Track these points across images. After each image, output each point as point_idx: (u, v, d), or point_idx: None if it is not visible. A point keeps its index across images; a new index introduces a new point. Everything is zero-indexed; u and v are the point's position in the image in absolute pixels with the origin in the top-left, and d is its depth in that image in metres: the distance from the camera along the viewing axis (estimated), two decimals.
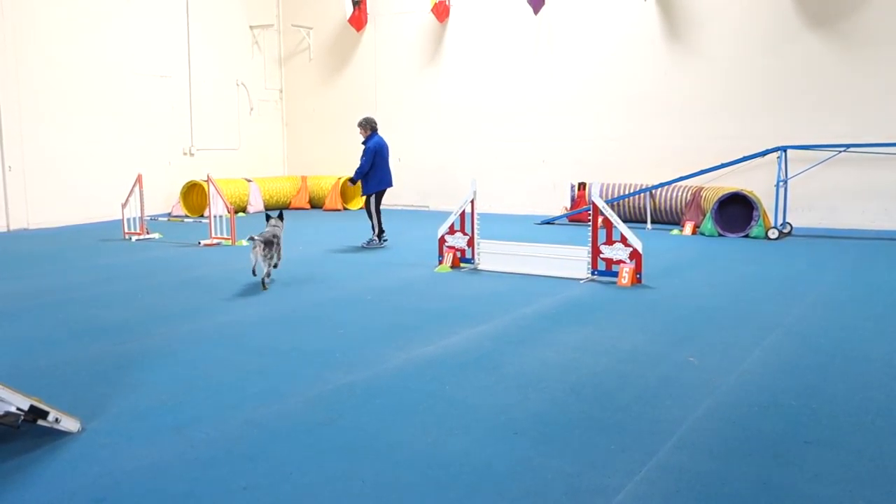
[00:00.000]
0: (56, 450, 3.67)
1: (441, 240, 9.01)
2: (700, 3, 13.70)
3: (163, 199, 15.68)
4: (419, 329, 6.02)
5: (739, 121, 13.43)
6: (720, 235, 11.66)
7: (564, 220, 13.96)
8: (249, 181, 16.33)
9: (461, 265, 8.90)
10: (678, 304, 6.90)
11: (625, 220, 9.59)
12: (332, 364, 5.09)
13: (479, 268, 8.80)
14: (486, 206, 14.90)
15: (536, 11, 14.76)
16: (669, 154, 13.99)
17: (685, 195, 13.04)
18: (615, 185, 13.79)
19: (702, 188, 12.85)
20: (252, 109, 17.88)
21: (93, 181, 14.37)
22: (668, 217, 13.30)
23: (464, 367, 5.00)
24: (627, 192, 13.42)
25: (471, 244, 8.81)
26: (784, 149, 11.59)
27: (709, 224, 11.81)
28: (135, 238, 11.73)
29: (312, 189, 17.35)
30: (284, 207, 16.79)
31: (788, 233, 11.78)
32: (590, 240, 8.10)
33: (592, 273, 8.06)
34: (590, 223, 8.17)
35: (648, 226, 12.93)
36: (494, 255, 8.78)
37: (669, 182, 12.74)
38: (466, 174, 15.59)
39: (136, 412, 4.20)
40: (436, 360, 5.15)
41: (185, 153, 16.35)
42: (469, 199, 8.78)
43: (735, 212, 11.77)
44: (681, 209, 13.07)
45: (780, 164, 11.57)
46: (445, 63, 16.40)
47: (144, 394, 4.51)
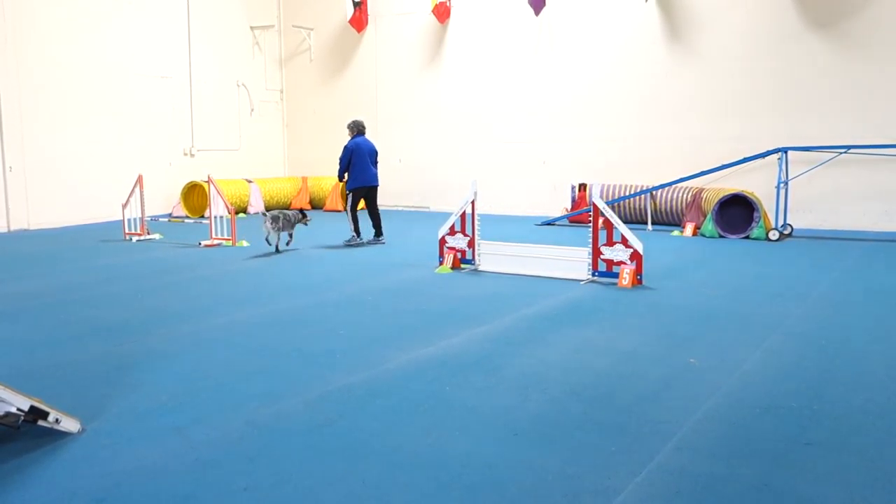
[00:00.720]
0: (56, 450, 3.67)
1: (441, 241, 9.01)
2: (701, 5, 13.70)
3: (163, 200, 15.70)
4: (420, 330, 6.02)
5: (740, 122, 13.43)
6: (721, 237, 11.66)
7: (565, 222, 13.95)
8: (250, 182, 16.33)
9: (462, 266, 8.90)
10: (679, 306, 6.90)
11: (625, 222, 9.59)
12: (333, 365, 5.09)
13: (480, 269, 8.80)
14: (487, 207, 14.91)
15: (537, 13, 14.76)
16: (670, 155, 13.99)
17: (686, 196, 13.04)
18: (616, 186, 13.80)
19: (702, 189, 12.85)
20: (253, 110, 17.89)
21: (93, 182, 14.38)
22: (669, 218, 13.30)
23: (464, 369, 4.99)
24: (628, 194, 13.42)
25: (471, 245, 8.81)
26: (785, 150, 11.59)
27: (709, 225, 11.80)
28: (135, 239, 11.74)
29: (313, 190, 17.38)
30: (285, 208, 16.84)
31: (789, 234, 11.77)
32: (590, 241, 8.10)
33: (593, 274, 8.05)
34: (590, 224, 8.16)
35: (649, 227, 12.93)
36: (495, 256, 8.78)
37: (670, 183, 12.74)
38: (467, 175, 15.58)
39: (137, 413, 4.20)
40: (436, 362, 5.15)
41: (186, 154, 16.35)
42: (469, 200, 8.78)
43: (736, 213, 11.77)
44: (681, 210, 13.07)
45: (781, 166, 11.56)
46: (446, 64, 16.41)
47: (145, 394, 4.51)
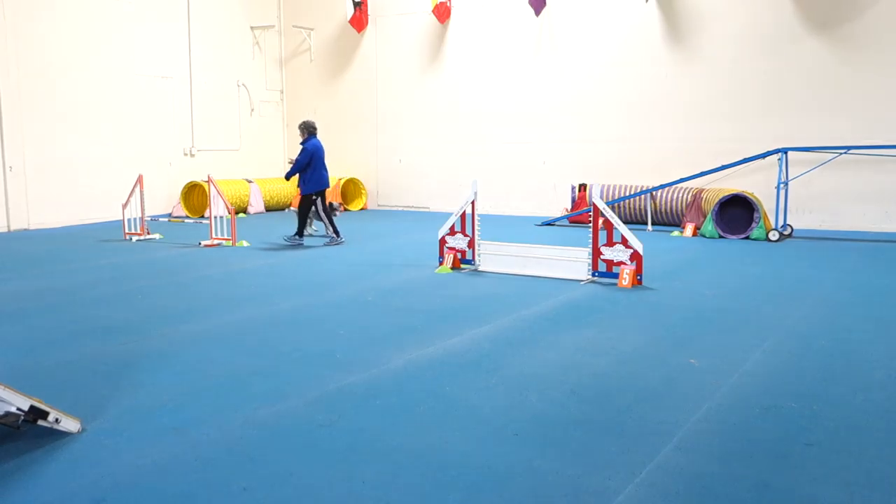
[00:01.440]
0: (56, 450, 3.67)
1: (442, 241, 9.01)
2: (701, 5, 13.70)
3: (163, 200, 15.70)
4: (420, 330, 6.02)
5: (740, 123, 13.43)
6: (721, 237, 11.66)
7: (565, 222, 13.96)
8: (250, 182, 16.34)
9: (462, 266, 8.90)
10: (679, 306, 6.90)
11: (625, 222, 9.60)
12: (333, 365, 5.09)
13: (480, 269, 8.80)
14: (487, 208, 14.92)
15: (538, 13, 14.77)
16: (670, 155, 13.99)
17: (686, 197, 13.05)
18: (616, 187, 13.80)
19: (702, 190, 12.85)
20: (253, 110, 17.89)
21: (93, 182, 14.38)
22: (669, 219, 13.30)
23: (464, 369, 4.99)
24: (628, 194, 13.42)
25: (471, 245, 8.81)
26: (785, 151, 11.59)
27: (709, 226, 11.80)
28: (135, 239, 11.74)
29: None
30: (285, 208, 16.86)
31: (789, 235, 11.78)
32: (590, 241, 8.10)
33: (593, 274, 8.05)
34: (590, 225, 8.17)
35: (649, 227, 12.93)
36: (495, 257, 8.78)
37: (670, 184, 12.74)
38: (467, 175, 15.61)
39: (137, 412, 4.20)
40: (436, 362, 5.15)
41: (186, 154, 16.35)
42: (470, 201, 8.78)
43: (736, 213, 11.77)
44: (681, 211, 13.07)
45: (781, 166, 11.56)
46: (446, 64, 16.40)
47: (145, 394, 4.51)
